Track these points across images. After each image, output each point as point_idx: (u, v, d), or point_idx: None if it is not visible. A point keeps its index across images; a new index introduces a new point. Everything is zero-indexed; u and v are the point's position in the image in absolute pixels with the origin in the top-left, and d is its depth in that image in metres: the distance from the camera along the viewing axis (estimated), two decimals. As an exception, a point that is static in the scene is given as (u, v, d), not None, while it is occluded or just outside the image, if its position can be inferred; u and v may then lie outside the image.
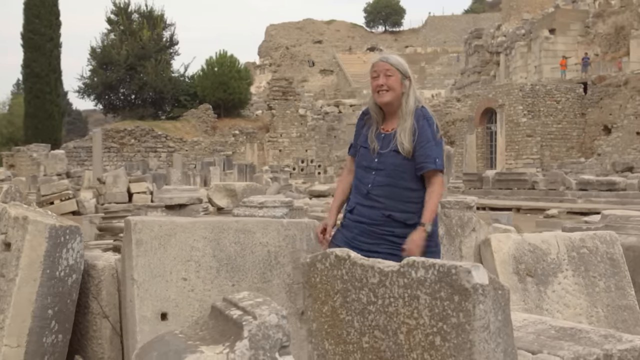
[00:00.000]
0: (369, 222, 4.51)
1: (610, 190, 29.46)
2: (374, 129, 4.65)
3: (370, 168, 4.59)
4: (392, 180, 4.51)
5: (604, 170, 39.38)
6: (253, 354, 2.65)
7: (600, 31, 57.42)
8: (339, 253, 3.32)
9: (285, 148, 56.46)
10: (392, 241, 4.43)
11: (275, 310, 2.73)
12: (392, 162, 4.53)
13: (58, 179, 24.32)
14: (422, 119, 4.56)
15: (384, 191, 4.51)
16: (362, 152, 4.67)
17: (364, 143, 4.67)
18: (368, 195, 4.54)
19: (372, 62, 4.68)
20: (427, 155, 4.48)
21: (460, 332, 2.76)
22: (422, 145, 4.49)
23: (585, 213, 25.50)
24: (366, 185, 4.56)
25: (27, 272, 4.27)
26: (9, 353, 4.19)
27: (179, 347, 2.77)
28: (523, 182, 33.43)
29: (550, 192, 31.61)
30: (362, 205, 4.55)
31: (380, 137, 4.60)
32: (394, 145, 4.51)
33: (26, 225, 4.31)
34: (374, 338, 3.13)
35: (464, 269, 2.75)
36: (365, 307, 3.17)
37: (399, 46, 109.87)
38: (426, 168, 4.48)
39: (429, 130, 4.54)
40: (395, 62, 4.59)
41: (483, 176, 36.43)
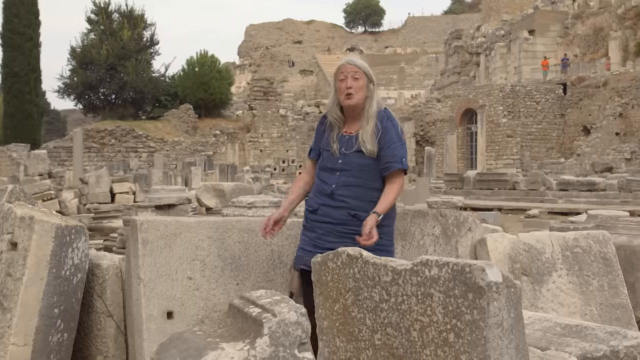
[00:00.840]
0: (335, 222, 4.53)
1: (591, 190, 29.66)
2: (336, 132, 4.68)
3: (334, 169, 4.61)
4: (358, 181, 4.55)
5: (584, 170, 39.62)
6: (273, 350, 2.70)
7: (579, 32, 57.77)
8: (350, 252, 3.38)
9: (266, 148, 56.44)
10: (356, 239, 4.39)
11: (294, 308, 2.79)
12: (357, 163, 4.55)
13: (40, 179, 24.22)
14: (387, 120, 4.60)
15: (349, 191, 4.53)
16: (325, 155, 4.69)
17: (326, 146, 4.69)
18: (332, 195, 4.55)
19: (339, 64, 4.71)
20: (394, 155, 4.53)
21: (475, 328, 2.82)
22: (388, 145, 4.53)
23: (566, 213, 25.70)
24: (330, 186, 4.58)
25: (34, 272, 4.31)
26: (16, 351, 4.22)
27: (199, 345, 2.82)
28: (504, 183, 33.60)
29: (531, 193, 31.80)
30: (327, 205, 4.57)
31: (343, 139, 4.63)
32: (358, 146, 4.54)
33: (33, 225, 4.34)
34: (387, 335, 3.19)
35: (478, 267, 2.82)
36: (378, 304, 3.22)
37: (379, 47, 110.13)
38: (393, 167, 4.52)
39: (394, 131, 4.58)
40: (361, 66, 4.64)
41: (464, 176, 36.57)
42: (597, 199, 28.74)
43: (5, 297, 4.29)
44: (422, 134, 54.46)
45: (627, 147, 40.90)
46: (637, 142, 41.65)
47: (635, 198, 27.96)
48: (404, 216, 6.08)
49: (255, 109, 57.51)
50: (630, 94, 43.17)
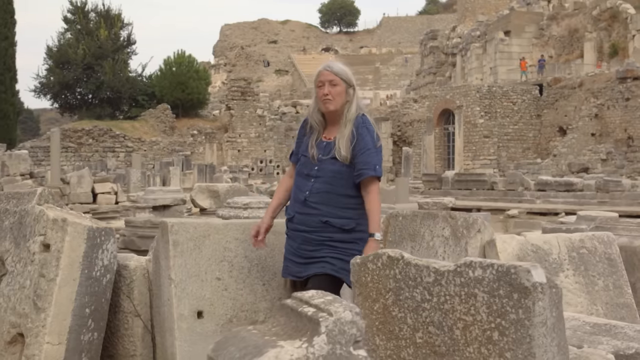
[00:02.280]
0: (308, 229, 4.54)
1: (568, 191, 29.91)
2: (315, 137, 4.67)
3: (309, 176, 4.60)
4: (330, 187, 4.54)
5: (560, 171, 39.96)
6: (331, 348, 2.82)
7: (554, 33, 58.19)
8: (391, 254, 3.51)
9: (244, 148, 56.48)
10: (332, 246, 4.47)
11: (349, 308, 2.91)
12: (330, 169, 4.54)
13: (22, 179, 24.18)
14: (362, 126, 4.59)
15: (322, 198, 4.53)
16: (302, 160, 4.68)
17: (305, 152, 4.68)
18: (305, 202, 4.55)
19: (318, 70, 4.70)
20: (367, 162, 4.51)
21: (520, 327, 2.97)
22: (362, 152, 4.52)
23: (545, 213, 25.99)
24: (304, 193, 4.58)
25: (67, 272, 4.41)
26: (50, 350, 4.32)
27: (257, 342, 2.94)
28: (482, 183, 33.82)
29: (509, 193, 32.03)
30: (301, 213, 4.57)
31: (321, 145, 4.63)
32: (333, 153, 4.54)
33: (66, 227, 4.44)
34: (428, 333, 3.33)
35: (523, 269, 2.96)
36: (420, 304, 3.36)
37: (354, 47, 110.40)
38: (365, 175, 4.50)
39: (369, 137, 4.56)
40: (339, 71, 4.62)
41: (442, 177, 36.75)
42: (575, 199, 28.99)
43: (39, 297, 4.38)
44: (399, 134, 54.68)
45: (603, 147, 41.31)
46: (613, 143, 42.06)
47: (612, 198, 28.23)
48: (414, 218, 6.21)
49: (232, 109, 57.53)
50: (605, 95, 43.57)
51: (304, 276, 4.52)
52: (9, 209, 4.84)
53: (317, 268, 4.46)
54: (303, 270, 4.53)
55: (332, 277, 4.45)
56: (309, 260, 4.48)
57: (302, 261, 4.51)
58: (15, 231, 4.70)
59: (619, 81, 42.87)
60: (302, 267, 4.52)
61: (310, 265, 4.49)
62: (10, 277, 4.63)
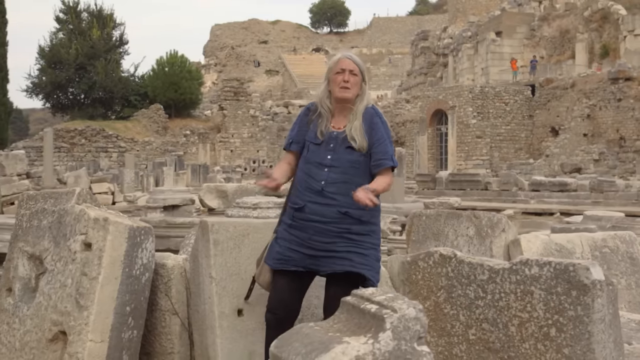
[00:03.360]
0: (325, 220, 4.44)
1: (562, 191, 30.06)
2: (324, 125, 4.64)
3: (322, 164, 4.53)
4: (348, 177, 4.48)
5: (552, 171, 40.12)
6: (396, 344, 2.88)
7: (545, 34, 58.40)
8: (443, 252, 3.57)
9: (236, 148, 56.48)
10: (349, 238, 4.40)
11: (412, 304, 2.97)
12: (347, 159, 4.50)
13: (19, 179, 24.13)
14: (375, 116, 4.61)
15: (339, 188, 4.45)
16: (312, 148, 4.61)
17: (314, 139, 4.62)
18: (322, 192, 4.47)
19: (338, 57, 4.71)
20: (385, 152, 4.52)
21: (578, 324, 3.04)
22: (380, 142, 4.54)
23: (540, 213, 26.11)
24: (319, 182, 4.49)
25: (109, 271, 4.45)
26: (93, 348, 4.37)
27: (322, 338, 3.00)
28: (476, 183, 33.97)
29: (503, 193, 32.17)
30: (315, 203, 4.47)
31: (332, 135, 4.59)
32: (348, 142, 4.51)
33: (107, 226, 4.49)
34: (482, 330, 3.39)
35: (582, 267, 3.03)
36: (473, 301, 3.42)
37: (344, 47, 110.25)
38: (384, 165, 4.51)
39: (383, 128, 4.60)
40: (359, 63, 4.67)
41: (436, 177, 36.91)
42: (569, 199, 29.15)
43: (81, 296, 4.43)
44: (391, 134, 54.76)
45: (595, 148, 41.50)
46: (605, 143, 42.25)
47: (606, 198, 28.38)
48: (438, 217, 6.30)
49: (225, 109, 57.53)
50: (597, 96, 43.77)
51: (322, 271, 4.45)
52: (47, 208, 4.88)
53: (335, 265, 4.39)
54: (312, 264, 4.45)
55: (351, 273, 4.39)
56: (322, 253, 4.41)
57: (313, 253, 4.42)
58: (54, 230, 4.74)
59: (610, 82, 43.09)
60: (311, 260, 4.44)
61: (324, 260, 4.41)
62: (50, 275, 4.67)
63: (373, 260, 4.41)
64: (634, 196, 28.11)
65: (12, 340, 4.79)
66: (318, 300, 4.76)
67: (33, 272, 4.91)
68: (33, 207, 5.03)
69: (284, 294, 4.45)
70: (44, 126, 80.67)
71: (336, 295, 4.37)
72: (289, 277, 4.45)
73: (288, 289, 4.45)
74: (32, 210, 5.00)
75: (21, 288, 4.91)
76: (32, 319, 4.69)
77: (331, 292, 4.44)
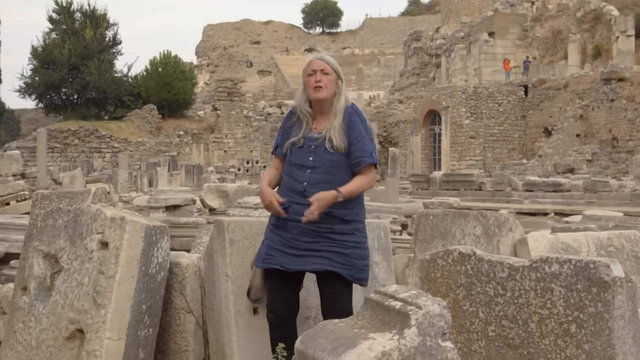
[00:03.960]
0: None
1: (556, 191, 30.13)
2: (305, 128, 4.67)
3: (304, 166, 4.57)
4: (330, 177, 4.51)
5: (545, 171, 40.23)
6: (421, 340, 2.94)
7: (537, 35, 58.56)
8: (462, 250, 3.63)
9: (230, 149, 56.50)
10: (331, 238, 4.43)
11: (436, 301, 3.02)
12: (328, 159, 4.53)
13: (14, 179, 24.09)
14: (354, 115, 4.62)
15: (322, 188, 4.46)
16: (294, 151, 4.65)
17: (296, 142, 4.66)
18: (304, 193, 4.50)
19: (309, 60, 4.73)
20: (364, 150, 4.53)
21: (599, 320, 3.10)
22: (358, 140, 4.54)
23: (534, 214, 26.21)
24: (302, 184, 4.54)
25: (126, 270, 4.51)
26: (111, 345, 4.42)
27: (348, 334, 3.05)
28: (470, 183, 34.04)
29: (497, 193, 32.25)
30: (299, 203, 4.49)
31: (313, 136, 4.62)
32: (327, 143, 4.54)
33: (124, 225, 4.53)
34: (501, 327, 3.45)
35: (603, 264, 3.09)
36: (492, 299, 3.48)
37: (337, 47, 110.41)
38: (364, 162, 4.53)
39: (362, 126, 4.60)
40: (330, 61, 4.69)
41: (430, 177, 37.00)
42: (563, 199, 29.23)
43: (98, 294, 4.47)
44: (385, 134, 54.87)
45: (588, 148, 41.65)
46: (598, 143, 42.41)
47: (600, 199, 28.47)
48: (445, 217, 6.35)
49: (219, 109, 57.54)
50: (590, 96, 43.93)
51: (294, 269, 4.46)
52: (62, 207, 4.92)
53: (316, 264, 4.44)
54: (296, 263, 4.45)
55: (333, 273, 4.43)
56: (304, 252, 4.44)
57: (296, 252, 4.44)
58: (70, 229, 4.78)
59: (603, 82, 43.27)
60: (294, 259, 4.45)
61: (307, 259, 4.43)
62: (67, 274, 4.71)
63: (355, 259, 4.45)
64: (627, 196, 28.24)
65: (28, 338, 4.84)
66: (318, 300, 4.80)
67: (48, 271, 4.95)
68: (47, 206, 5.08)
69: (277, 293, 4.49)
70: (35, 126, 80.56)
71: (331, 296, 4.45)
72: (279, 277, 4.48)
73: (281, 288, 4.50)
74: (46, 210, 5.04)
75: (36, 287, 4.96)
76: (49, 317, 4.73)
77: (326, 295, 4.49)
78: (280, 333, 4.44)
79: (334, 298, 4.46)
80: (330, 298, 4.46)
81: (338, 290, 4.46)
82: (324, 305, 4.51)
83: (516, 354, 3.40)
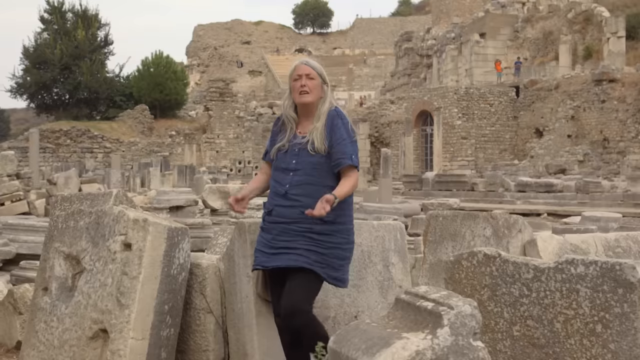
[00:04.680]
0: (288, 220, 4.55)
1: (548, 192, 30.22)
2: (289, 132, 4.75)
3: (287, 169, 4.66)
4: (310, 179, 4.59)
5: (537, 172, 40.34)
6: (454, 339, 3.03)
7: (529, 36, 58.74)
8: (487, 252, 3.71)
9: (222, 149, 56.49)
10: (310, 237, 4.48)
11: (467, 302, 3.11)
12: (309, 161, 4.61)
13: (9, 179, 24.09)
14: (337, 118, 4.68)
15: (303, 190, 4.57)
16: (279, 156, 4.74)
17: (282, 147, 4.74)
18: (286, 195, 4.59)
19: (294, 65, 4.80)
20: (343, 152, 4.58)
21: (624, 320, 3.19)
22: (338, 142, 4.60)
23: (527, 214, 26.24)
24: (284, 186, 4.62)
25: (149, 271, 4.59)
26: (135, 345, 4.50)
27: (381, 334, 3.14)
28: (463, 184, 34.12)
29: (489, 194, 32.33)
30: (281, 205, 4.59)
31: (297, 140, 4.70)
32: (309, 145, 4.61)
33: (147, 227, 4.61)
34: (526, 327, 3.54)
35: (629, 265, 3.18)
36: (517, 299, 3.57)
37: (327, 48, 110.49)
38: (343, 164, 4.57)
39: (344, 129, 4.65)
40: (315, 66, 4.76)
41: (423, 178, 37.05)
42: (555, 200, 29.32)
43: (122, 294, 4.55)
44: (376, 135, 54.96)
45: (580, 149, 41.81)
46: (589, 144, 42.58)
47: (592, 199, 28.56)
48: (454, 218, 6.44)
49: (211, 109, 57.55)
50: (581, 97, 44.10)
51: (270, 266, 4.52)
52: (84, 209, 4.99)
53: (289, 260, 4.47)
54: (271, 260, 4.52)
55: (314, 273, 4.46)
56: (280, 250, 4.50)
57: (273, 251, 4.51)
58: (92, 231, 4.85)
59: (594, 83, 43.42)
60: (270, 257, 4.52)
61: (281, 256, 4.49)
62: (89, 275, 4.78)
63: (331, 258, 4.49)
64: (619, 197, 28.35)
65: (50, 338, 4.91)
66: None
67: (70, 272, 5.03)
68: (68, 208, 5.14)
69: (276, 296, 4.54)
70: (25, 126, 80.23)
71: (290, 291, 4.41)
72: (276, 281, 4.56)
73: (278, 291, 4.53)
74: (67, 212, 5.10)
75: (58, 287, 5.03)
76: (71, 317, 4.80)
77: (286, 289, 4.46)
78: (288, 337, 4.50)
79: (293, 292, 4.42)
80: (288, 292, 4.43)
81: (300, 285, 4.44)
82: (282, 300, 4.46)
83: (541, 353, 3.49)
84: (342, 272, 4.56)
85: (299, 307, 4.38)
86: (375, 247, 4.98)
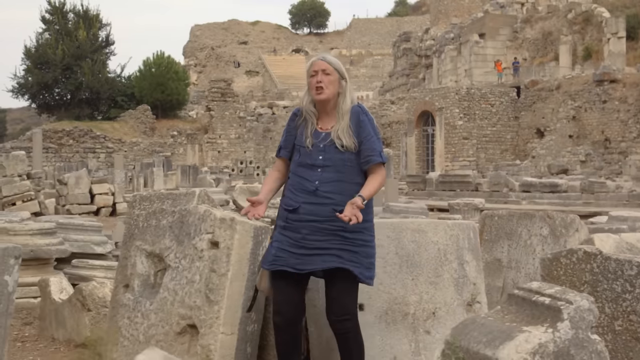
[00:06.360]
0: (319, 219, 4.50)
1: (553, 192, 30.31)
2: (310, 128, 4.69)
3: (315, 166, 4.59)
4: (341, 176, 4.56)
5: (539, 172, 40.52)
6: (574, 332, 3.15)
7: (528, 36, 58.88)
8: (587, 249, 3.84)
9: (224, 149, 56.58)
10: (342, 236, 4.46)
11: (585, 297, 3.24)
12: (339, 158, 4.57)
13: (19, 179, 24.19)
14: (362, 114, 4.66)
15: (333, 187, 4.53)
16: (302, 151, 4.66)
17: (303, 143, 4.67)
18: (316, 192, 4.53)
19: (311, 61, 4.77)
20: (373, 149, 4.60)
21: None
22: (368, 139, 4.60)
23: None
24: (313, 183, 4.55)
25: (237, 268, 4.71)
26: (225, 340, 4.63)
27: (501, 328, 3.26)
28: (467, 184, 34.20)
29: (494, 194, 32.38)
30: (310, 203, 4.53)
31: (319, 136, 4.65)
32: (337, 141, 4.57)
33: (234, 226, 4.74)
34: (629, 322, 3.67)
35: None
36: (620, 295, 3.70)
37: (324, 48, 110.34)
38: (373, 161, 4.59)
39: (370, 126, 4.65)
40: (332, 61, 4.70)
41: (426, 178, 37.16)
42: (560, 200, 29.40)
43: (211, 291, 4.67)
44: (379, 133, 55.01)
45: (582, 149, 41.97)
46: (590, 144, 42.75)
47: (597, 199, 28.69)
48: (510, 218, 6.57)
49: (213, 110, 57.63)
50: (582, 98, 44.25)
51: (307, 269, 4.51)
52: (166, 209, 5.10)
53: (324, 262, 4.47)
54: (305, 262, 4.49)
55: (351, 274, 4.47)
56: (314, 251, 4.48)
57: (306, 252, 4.47)
58: (175, 229, 4.97)
59: (595, 84, 43.57)
60: (305, 259, 4.48)
61: (316, 257, 4.47)
62: (175, 272, 4.90)
63: (363, 257, 4.51)
64: (625, 197, 28.48)
65: (135, 333, 5.02)
66: None
67: (152, 269, 5.15)
68: (149, 207, 5.25)
69: (284, 295, 4.54)
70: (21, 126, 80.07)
71: (340, 295, 4.50)
72: (286, 279, 4.53)
73: (287, 291, 4.54)
74: (148, 211, 5.21)
75: (140, 284, 5.15)
76: (157, 313, 4.92)
77: (334, 294, 4.53)
78: (287, 337, 4.58)
79: (342, 297, 4.50)
80: (338, 297, 4.50)
81: (345, 289, 4.51)
82: (331, 304, 4.54)
83: (644, 347, 3.62)
84: (372, 271, 4.58)
85: (351, 311, 4.48)
86: (450, 245, 5.07)
